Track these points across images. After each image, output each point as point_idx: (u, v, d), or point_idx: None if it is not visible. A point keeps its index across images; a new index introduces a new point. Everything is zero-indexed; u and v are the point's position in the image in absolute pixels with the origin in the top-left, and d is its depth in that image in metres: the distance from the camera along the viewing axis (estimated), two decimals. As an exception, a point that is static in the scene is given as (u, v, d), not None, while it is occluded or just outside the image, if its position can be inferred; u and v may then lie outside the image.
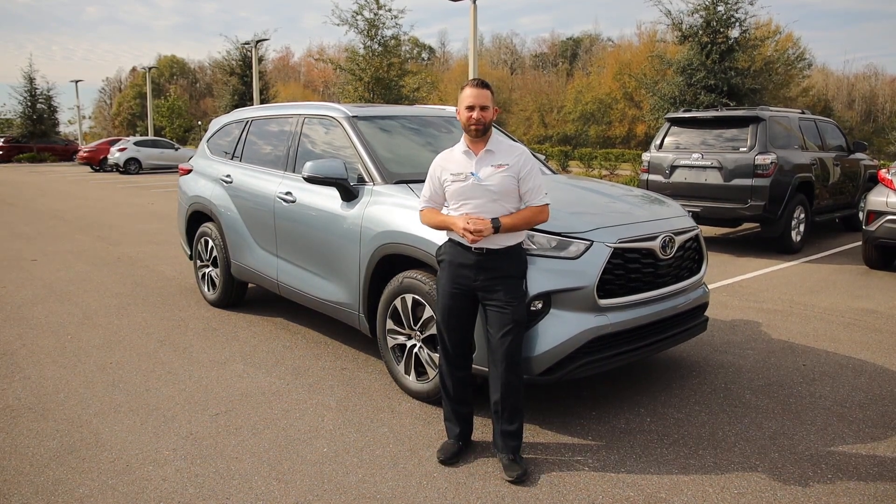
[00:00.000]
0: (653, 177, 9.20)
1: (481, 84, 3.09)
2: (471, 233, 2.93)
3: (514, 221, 3.02)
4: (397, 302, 3.80)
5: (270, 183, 5.01)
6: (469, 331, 3.19)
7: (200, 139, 6.71)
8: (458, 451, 3.18)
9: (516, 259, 3.11)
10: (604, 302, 3.40)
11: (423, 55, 62.72)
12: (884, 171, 7.70)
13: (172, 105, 46.40)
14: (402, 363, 3.86)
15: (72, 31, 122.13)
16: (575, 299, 3.31)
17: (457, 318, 3.13)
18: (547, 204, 3.09)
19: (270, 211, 4.93)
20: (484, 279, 3.04)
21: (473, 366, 3.42)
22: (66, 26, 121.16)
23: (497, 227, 2.97)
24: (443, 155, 3.21)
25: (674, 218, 3.96)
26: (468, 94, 3.05)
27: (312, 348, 4.74)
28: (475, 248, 3.03)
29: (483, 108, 3.02)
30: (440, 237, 3.53)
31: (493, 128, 3.18)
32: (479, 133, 3.05)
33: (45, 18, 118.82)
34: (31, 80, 38.01)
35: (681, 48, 16.19)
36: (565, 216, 3.50)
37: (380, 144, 4.45)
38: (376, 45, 20.81)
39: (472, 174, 3.03)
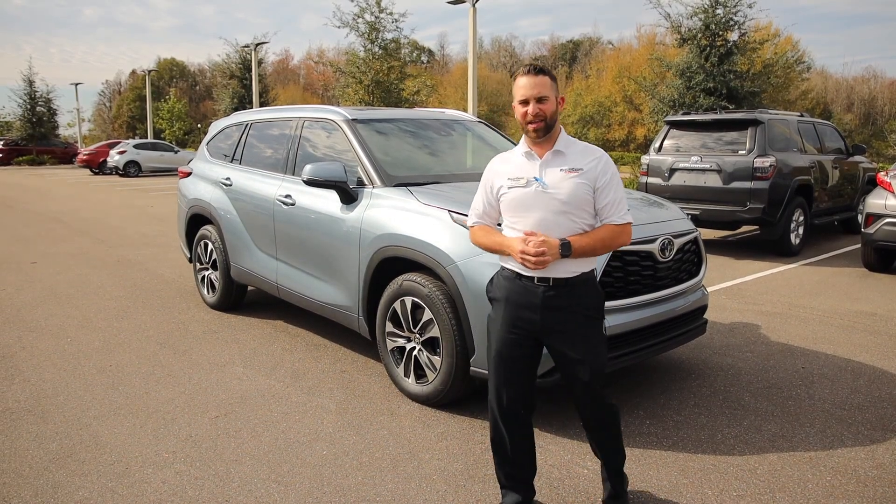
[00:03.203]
0: (652, 179, 9.22)
1: (536, 70, 2.39)
2: (531, 257, 2.29)
3: (590, 243, 2.36)
4: (397, 305, 3.81)
5: (270, 186, 5.02)
6: (531, 382, 2.57)
7: (200, 142, 6.73)
8: None
9: (592, 290, 2.47)
10: (603, 304, 3.40)
11: (423, 58, 62.78)
12: (882, 173, 7.72)
13: (172, 108, 46.37)
14: (402, 366, 3.87)
15: (69, 32, 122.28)
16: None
17: (514, 368, 2.50)
18: (629, 223, 2.44)
19: (270, 214, 4.94)
20: (553, 321, 2.41)
21: (473, 369, 3.43)
22: (64, 28, 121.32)
23: (567, 252, 2.32)
24: (499, 158, 2.56)
25: (673, 220, 3.97)
26: (520, 85, 2.38)
27: (312, 351, 4.74)
28: (538, 279, 2.39)
29: (540, 100, 2.37)
30: (440, 240, 3.53)
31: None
32: (539, 132, 2.39)
33: (41, 19, 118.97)
34: (30, 82, 38.08)
35: (680, 51, 16.24)
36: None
37: (379, 147, 4.47)
38: (377, 49, 20.86)
39: (536, 179, 2.39)
